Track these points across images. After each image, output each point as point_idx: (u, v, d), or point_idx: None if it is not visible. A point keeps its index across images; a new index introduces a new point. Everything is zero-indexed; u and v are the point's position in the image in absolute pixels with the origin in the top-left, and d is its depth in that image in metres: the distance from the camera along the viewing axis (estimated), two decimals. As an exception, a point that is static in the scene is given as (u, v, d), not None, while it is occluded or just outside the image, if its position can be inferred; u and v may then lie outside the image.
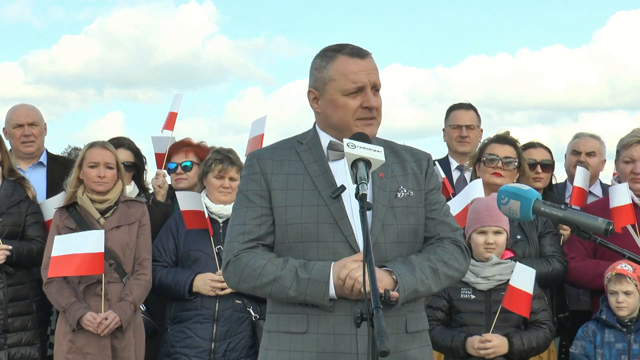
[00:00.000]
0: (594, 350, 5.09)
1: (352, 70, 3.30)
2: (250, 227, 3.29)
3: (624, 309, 5.04)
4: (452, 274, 3.33)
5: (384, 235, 3.26)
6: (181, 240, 5.49)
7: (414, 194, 3.35)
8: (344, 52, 3.34)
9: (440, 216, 3.40)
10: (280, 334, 3.31)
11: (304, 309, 3.24)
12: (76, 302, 5.23)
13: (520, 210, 3.13)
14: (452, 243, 3.36)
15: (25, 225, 5.62)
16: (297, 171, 3.33)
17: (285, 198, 3.29)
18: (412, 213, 3.33)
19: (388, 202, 3.28)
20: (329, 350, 3.21)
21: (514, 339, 4.80)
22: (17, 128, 6.29)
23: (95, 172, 5.38)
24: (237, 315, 5.34)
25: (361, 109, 3.31)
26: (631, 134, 5.63)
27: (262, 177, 3.32)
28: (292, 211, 3.27)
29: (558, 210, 3.09)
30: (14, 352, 5.44)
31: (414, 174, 3.39)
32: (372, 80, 3.31)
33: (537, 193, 3.18)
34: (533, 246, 5.42)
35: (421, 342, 3.37)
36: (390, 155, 3.38)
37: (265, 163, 3.35)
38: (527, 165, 5.72)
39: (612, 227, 2.97)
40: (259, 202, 3.31)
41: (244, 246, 3.27)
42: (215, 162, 5.54)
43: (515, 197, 3.14)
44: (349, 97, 3.31)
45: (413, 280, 3.19)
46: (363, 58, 3.33)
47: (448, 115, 6.84)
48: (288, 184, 3.30)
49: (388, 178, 3.33)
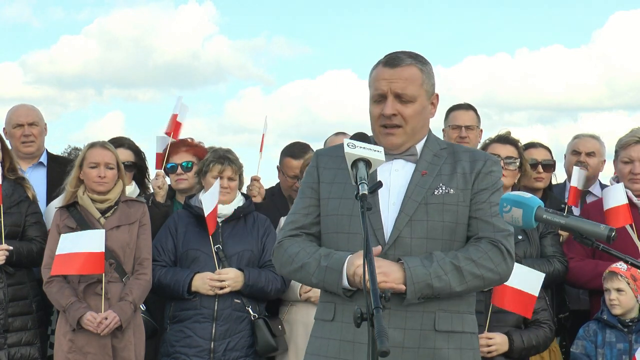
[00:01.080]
0: (595, 350, 5.09)
1: (377, 78, 3.43)
2: (298, 216, 3.48)
3: (617, 306, 5.05)
4: (482, 273, 3.29)
5: (410, 230, 3.30)
6: (180, 239, 5.49)
7: (455, 192, 3.37)
8: (382, 60, 3.46)
9: (485, 216, 3.39)
10: (317, 321, 3.49)
11: (333, 298, 3.37)
12: (76, 301, 5.23)
13: (523, 218, 3.14)
14: (490, 243, 3.34)
15: (25, 225, 5.62)
16: (346, 166, 3.37)
17: (330, 190, 3.44)
18: (448, 211, 3.35)
19: (422, 198, 3.34)
20: (349, 339, 3.30)
21: (514, 337, 4.81)
22: (17, 128, 6.29)
23: (96, 172, 5.38)
24: (237, 314, 5.35)
25: (382, 117, 3.40)
26: (630, 134, 5.63)
27: (316, 170, 3.51)
28: (332, 203, 3.42)
29: (560, 218, 3.09)
30: (14, 352, 5.44)
31: (463, 174, 3.42)
32: (394, 90, 3.37)
33: (539, 200, 3.18)
34: (534, 246, 5.42)
35: (461, 344, 3.34)
36: (448, 156, 3.46)
37: (323, 158, 3.54)
38: (528, 165, 5.72)
39: (614, 233, 2.98)
40: (309, 193, 3.49)
41: (288, 233, 3.47)
42: (213, 162, 5.55)
43: (518, 205, 3.14)
44: (374, 105, 3.44)
45: (425, 274, 3.21)
46: (393, 67, 3.40)
47: (447, 115, 6.84)
48: (336, 177, 3.45)
49: (431, 176, 3.40)
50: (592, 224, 3.04)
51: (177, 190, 6.22)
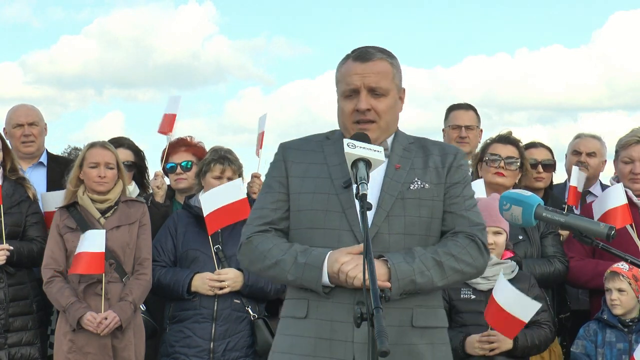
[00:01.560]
0: (595, 349, 5.09)
1: (348, 73, 3.37)
2: (266, 211, 3.39)
3: (618, 306, 5.05)
4: (461, 268, 3.29)
5: (388, 226, 3.27)
6: (179, 240, 5.49)
7: (430, 187, 3.35)
8: (352, 55, 3.41)
9: (460, 210, 3.37)
10: (288, 318, 3.40)
11: (306, 295, 3.29)
12: (76, 301, 5.23)
13: (522, 216, 3.14)
14: (467, 237, 3.32)
15: (25, 225, 5.62)
16: (317, 161, 3.39)
17: (301, 185, 3.37)
18: (424, 205, 3.33)
19: (398, 193, 3.30)
20: (326, 336, 3.24)
21: (519, 335, 4.80)
22: (17, 128, 6.30)
23: (96, 172, 5.38)
24: (236, 314, 5.34)
25: (355, 112, 3.35)
26: (630, 134, 5.63)
27: (283, 164, 3.43)
28: (304, 198, 3.35)
29: (560, 216, 3.09)
30: (14, 352, 5.44)
31: (435, 168, 3.40)
32: (367, 84, 3.33)
33: (539, 199, 3.18)
34: (535, 247, 5.42)
35: (433, 339, 3.34)
36: (417, 150, 3.43)
37: (290, 152, 3.46)
38: (529, 165, 5.71)
39: (614, 231, 2.98)
40: (277, 187, 3.40)
41: (257, 229, 3.37)
42: (213, 162, 5.54)
43: (517, 203, 3.15)
44: (346, 100, 3.37)
45: (409, 270, 3.18)
46: (365, 61, 3.36)
47: (447, 115, 6.84)
48: (306, 172, 3.38)
49: (405, 170, 3.36)
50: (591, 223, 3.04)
51: (177, 190, 6.22)
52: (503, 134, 5.74)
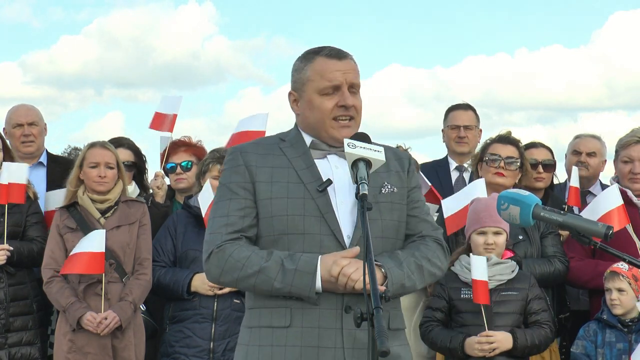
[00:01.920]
0: (595, 350, 5.09)
1: (328, 70, 3.32)
2: (234, 218, 3.25)
3: (618, 306, 5.05)
4: (434, 271, 3.34)
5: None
6: (179, 240, 5.49)
7: (398, 191, 3.36)
8: (322, 53, 3.35)
9: (422, 214, 3.43)
10: (262, 328, 3.26)
11: (287, 303, 3.20)
12: (76, 301, 5.23)
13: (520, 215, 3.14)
14: (434, 241, 3.39)
15: (26, 225, 5.62)
16: (281, 164, 3.32)
17: (271, 190, 3.27)
18: (395, 209, 3.34)
19: (373, 197, 3.24)
20: (313, 344, 3.18)
21: (519, 334, 4.81)
22: (16, 128, 6.30)
23: (96, 172, 5.38)
24: (236, 314, 5.34)
25: (337, 108, 3.31)
26: (630, 134, 5.62)
27: (246, 169, 3.31)
28: (277, 203, 3.25)
29: (558, 215, 3.09)
30: (15, 352, 5.44)
31: (397, 172, 3.40)
32: (349, 80, 3.32)
33: (537, 198, 3.18)
34: (535, 246, 5.42)
35: (400, 340, 3.36)
36: None
37: (249, 156, 3.34)
38: (529, 165, 5.72)
39: (611, 231, 2.97)
40: (243, 194, 3.28)
41: (227, 237, 3.23)
42: (212, 163, 5.55)
43: (515, 202, 3.14)
44: (325, 97, 3.32)
45: (401, 275, 3.19)
46: (341, 59, 3.34)
47: (447, 115, 6.85)
48: (273, 176, 3.29)
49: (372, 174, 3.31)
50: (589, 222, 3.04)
51: (177, 190, 6.22)
52: (503, 134, 5.74)
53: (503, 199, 3.19)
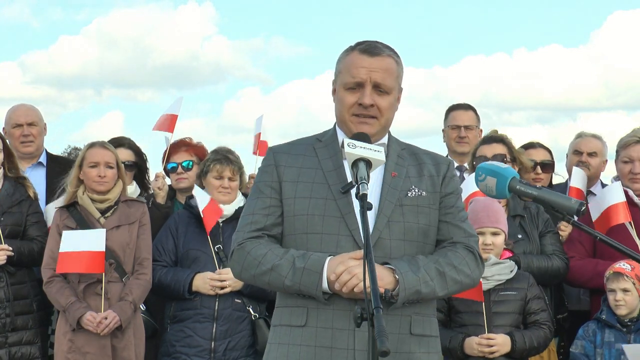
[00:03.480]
0: (594, 350, 5.09)
1: (354, 65, 3.31)
2: (257, 217, 3.32)
3: (622, 307, 5.05)
4: (461, 279, 3.28)
5: (389, 231, 3.25)
6: (180, 239, 5.50)
7: (427, 195, 3.33)
8: (358, 48, 3.36)
9: (455, 220, 3.37)
10: (282, 327, 3.31)
11: (305, 302, 3.23)
12: (76, 301, 5.23)
13: (496, 187, 3.14)
14: (465, 248, 3.33)
15: (26, 224, 5.62)
16: (310, 165, 3.34)
17: (295, 190, 3.31)
18: (422, 213, 3.31)
19: (397, 200, 3.27)
20: (327, 345, 3.19)
21: (517, 337, 4.81)
22: (16, 128, 6.31)
23: (96, 171, 5.38)
24: (237, 314, 5.35)
25: (357, 106, 3.31)
26: (630, 134, 5.63)
27: (275, 169, 3.36)
28: (300, 203, 3.29)
29: (533, 189, 3.10)
30: (15, 351, 5.44)
31: (430, 176, 3.38)
32: (374, 79, 3.29)
33: (515, 172, 3.19)
34: (534, 245, 5.42)
35: (429, 347, 3.33)
36: (409, 157, 3.41)
37: (281, 156, 3.39)
38: (523, 158, 5.71)
39: (584, 207, 2.98)
40: (269, 193, 3.34)
41: (248, 235, 3.29)
42: (214, 162, 5.55)
43: (492, 174, 3.14)
44: (348, 92, 3.32)
45: (415, 280, 3.16)
46: (373, 56, 3.32)
47: (447, 115, 6.85)
48: (300, 176, 3.33)
49: (401, 178, 3.33)
50: (563, 197, 3.04)
51: (178, 190, 6.23)
52: (487, 135, 5.79)
53: (481, 170, 3.19)
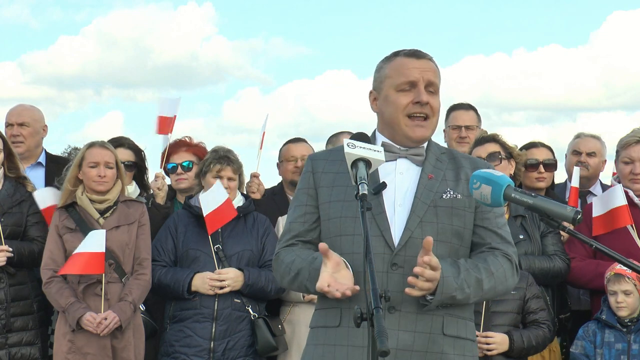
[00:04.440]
0: (594, 350, 5.08)
1: (405, 67, 3.38)
2: (295, 225, 3.42)
3: (624, 308, 5.04)
4: (496, 286, 3.29)
5: (421, 231, 3.26)
6: (180, 239, 5.49)
7: (462, 198, 3.35)
8: (402, 53, 3.44)
9: (493, 226, 3.38)
10: (319, 328, 3.37)
11: (339, 303, 3.25)
12: (76, 302, 5.22)
13: (491, 195, 3.12)
14: (504, 256, 3.34)
15: (26, 225, 5.61)
16: (346, 170, 3.32)
17: (331, 194, 3.37)
18: (456, 215, 3.33)
19: (431, 201, 3.31)
20: (359, 344, 3.21)
21: (515, 336, 4.81)
22: (8, 127, 6.35)
23: (96, 171, 5.37)
24: (236, 314, 5.35)
25: (412, 105, 3.35)
26: (630, 134, 5.61)
27: (312, 175, 3.44)
28: (334, 206, 3.35)
29: (528, 197, 3.08)
30: (15, 352, 5.44)
31: (467, 180, 3.37)
32: (426, 78, 3.37)
33: (509, 179, 3.18)
34: (535, 245, 5.42)
35: (464, 350, 3.33)
36: (449, 161, 3.44)
37: (318, 163, 3.47)
38: (518, 152, 5.70)
39: (580, 216, 2.97)
40: (305, 200, 3.42)
41: (284, 244, 3.40)
42: (213, 162, 5.55)
43: (487, 182, 3.13)
44: (401, 93, 3.37)
45: (453, 287, 3.17)
46: (419, 58, 3.41)
47: (448, 115, 6.84)
48: (335, 181, 3.38)
49: (437, 180, 3.36)
50: (558, 206, 3.02)
51: (178, 190, 6.22)
52: (477, 137, 5.82)
53: (476, 177, 3.18)
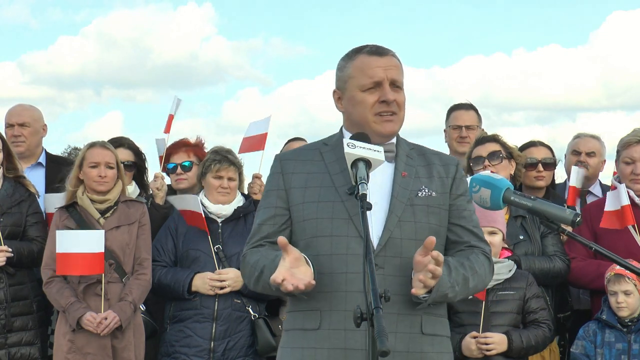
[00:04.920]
0: (595, 350, 5.08)
1: (369, 66, 3.36)
2: (263, 227, 3.37)
3: (624, 309, 5.04)
4: (476, 284, 3.31)
5: (400, 231, 3.26)
6: (180, 239, 5.50)
7: (437, 196, 3.34)
8: (364, 51, 3.40)
9: (469, 225, 3.38)
10: (296, 331, 3.32)
11: (317, 305, 3.24)
12: (76, 302, 5.23)
13: (491, 198, 3.12)
14: (483, 254, 3.35)
15: (26, 225, 5.61)
16: (317, 170, 3.36)
17: (304, 195, 3.33)
18: (432, 213, 3.33)
19: (408, 199, 3.29)
20: (340, 346, 3.20)
21: (514, 336, 4.81)
22: (8, 128, 6.34)
23: (96, 172, 5.38)
24: (237, 314, 5.35)
25: (378, 104, 3.34)
26: (631, 134, 5.60)
27: (281, 176, 3.39)
28: (308, 207, 3.31)
29: (527, 200, 3.08)
30: (15, 352, 5.44)
31: (440, 178, 3.39)
32: (390, 76, 3.35)
33: (509, 183, 3.17)
34: (535, 246, 5.42)
35: (442, 347, 3.34)
36: (418, 157, 3.42)
37: (287, 163, 3.42)
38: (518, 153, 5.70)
39: (579, 218, 2.96)
40: (275, 201, 3.37)
41: (251, 246, 3.35)
42: (213, 163, 5.55)
43: (486, 185, 3.13)
44: (367, 93, 3.35)
45: (447, 285, 3.17)
46: (382, 56, 3.38)
47: (449, 115, 6.83)
48: (307, 182, 3.35)
49: (411, 178, 3.35)
50: (558, 208, 3.02)
51: (178, 190, 6.22)
52: (478, 136, 5.82)
53: (475, 181, 3.18)
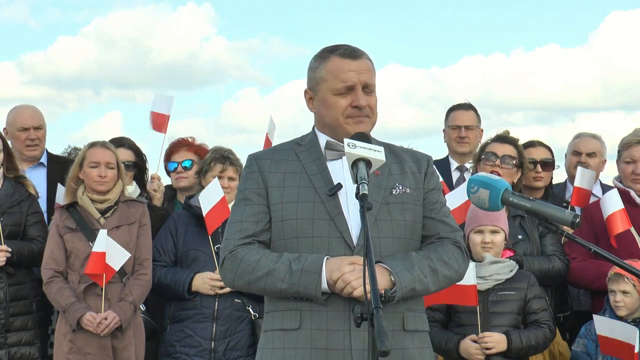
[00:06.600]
0: (596, 348, 5.08)
1: (342, 70, 3.35)
2: (247, 224, 3.33)
3: (622, 308, 5.04)
4: (450, 274, 3.32)
5: (377, 230, 3.26)
6: (180, 239, 5.50)
7: (411, 192, 3.37)
8: (337, 52, 3.39)
9: (440, 216, 3.41)
10: (275, 332, 3.31)
11: (297, 305, 3.24)
12: (76, 302, 5.23)
13: (489, 199, 3.12)
14: (453, 244, 3.37)
15: (26, 224, 5.60)
16: (294, 170, 3.37)
17: (282, 195, 3.32)
18: (407, 210, 3.34)
19: (382, 198, 3.30)
20: (322, 346, 3.20)
21: (513, 336, 4.81)
22: (22, 131, 6.26)
23: (97, 171, 5.38)
24: (237, 314, 5.35)
25: (351, 108, 3.34)
26: (632, 134, 5.60)
27: (259, 175, 3.37)
28: (288, 207, 3.30)
29: (526, 201, 3.08)
30: (14, 352, 5.44)
31: (412, 173, 3.41)
32: (363, 80, 3.35)
33: (507, 183, 3.17)
34: (534, 246, 5.43)
35: (422, 342, 3.36)
36: (389, 155, 3.40)
37: (264, 162, 3.40)
38: (527, 165, 5.72)
39: (578, 219, 2.96)
40: (256, 200, 3.35)
41: (239, 242, 3.30)
42: (214, 162, 5.56)
43: (485, 186, 3.13)
44: (339, 97, 3.35)
45: (411, 278, 3.18)
46: (355, 59, 3.37)
47: (448, 115, 6.84)
48: (285, 181, 3.34)
49: (384, 176, 3.36)
50: (557, 209, 3.02)
51: (178, 189, 6.23)
52: (500, 133, 5.79)
53: (473, 182, 3.18)
